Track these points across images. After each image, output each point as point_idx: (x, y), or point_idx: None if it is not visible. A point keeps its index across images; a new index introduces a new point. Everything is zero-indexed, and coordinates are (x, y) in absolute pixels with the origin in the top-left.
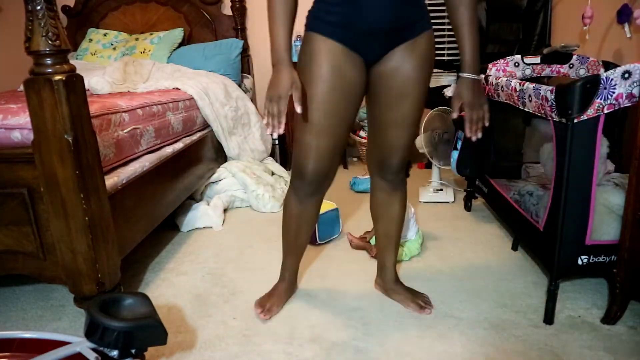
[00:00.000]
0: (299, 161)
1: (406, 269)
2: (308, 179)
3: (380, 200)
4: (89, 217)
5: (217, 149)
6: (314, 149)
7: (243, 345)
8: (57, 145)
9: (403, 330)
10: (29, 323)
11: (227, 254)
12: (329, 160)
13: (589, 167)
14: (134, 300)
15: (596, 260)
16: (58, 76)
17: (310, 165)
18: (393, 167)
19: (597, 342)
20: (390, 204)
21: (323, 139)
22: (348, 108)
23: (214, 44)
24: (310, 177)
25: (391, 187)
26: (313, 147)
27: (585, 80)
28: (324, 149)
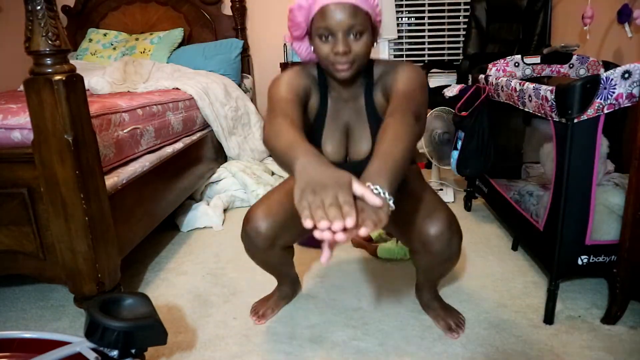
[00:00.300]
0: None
1: (406, 269)
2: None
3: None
4: (89, 217)
5: (217, 149)
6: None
7: (243, 345)
8: (57, 145)
9: (403, 330)
10: (29, 323)
11: (227, 254)
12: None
13: (589, 167)
14: (134, 300)
15: (596, 260)
16: (58, 76)
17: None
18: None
19: (597, 342)
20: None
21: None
22: None
23: (214, 44)
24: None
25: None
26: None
27: (586, 80)
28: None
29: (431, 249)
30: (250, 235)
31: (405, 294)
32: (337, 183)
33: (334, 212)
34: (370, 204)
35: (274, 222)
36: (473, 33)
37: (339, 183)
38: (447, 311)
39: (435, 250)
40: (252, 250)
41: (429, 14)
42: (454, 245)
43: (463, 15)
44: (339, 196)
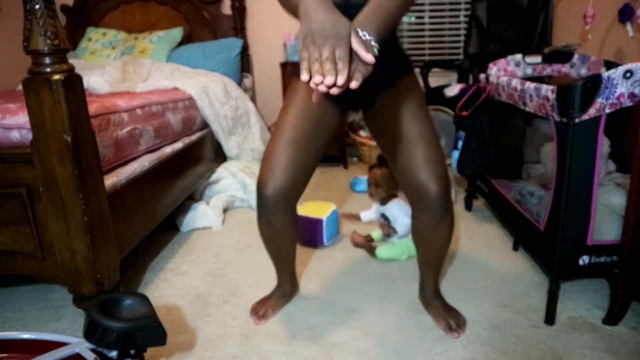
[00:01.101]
0: (260, 174)
1: (406, 268)
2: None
3: (422, 235)
4: (88, 217)
5: (216, 149)
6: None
7: (243, 345)
8: (56, 145)
9: (403, 330)
10: (28, 323)
11: (227, 254)
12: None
13: (590, 167)
14: (133, 301)
15: (597, 260)
16: (57, 76)
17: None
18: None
19: (598, 343)
20: (434, 238)
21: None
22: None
23: (214, 44)
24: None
25: (434, 221)
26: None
27: (587, 79)
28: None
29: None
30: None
31: (405, 294)
32: (337, 34)
33: (328, 67)
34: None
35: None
36: (474, 32)
37: (338, 34)
38: (448, 311)
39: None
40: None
41: (429, 13)
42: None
43: (464, 14)
44: (337, 50)
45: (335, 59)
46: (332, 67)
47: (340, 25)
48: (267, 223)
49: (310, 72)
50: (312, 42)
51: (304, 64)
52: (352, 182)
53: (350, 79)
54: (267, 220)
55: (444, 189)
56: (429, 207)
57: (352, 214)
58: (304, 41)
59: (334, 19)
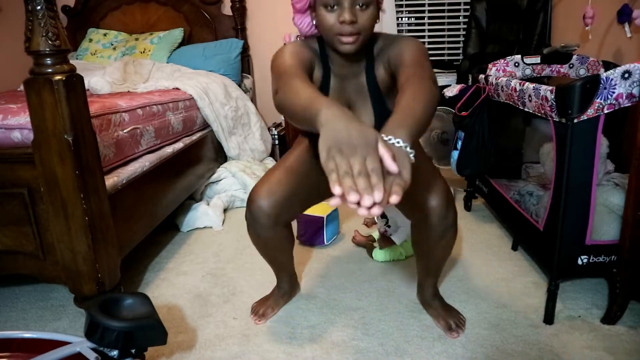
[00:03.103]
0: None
1: (405, 268)
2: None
3: (421, 245)
4: (88, 217)
5: (217, 149)
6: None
7: (243, 345)
8: (57, 145)
9: (403, 330)
10: (29, 323)
11: (227, 254)
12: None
13: (589, 167)
14: (134, 300)
15: (596, 260)
16: (58, 76)
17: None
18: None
19: (597, 342)
20: (435, 250)
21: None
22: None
23: (214, 44)
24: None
25: (436, 235)
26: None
27: (586, 80)
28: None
29: (430, 220)
30: (254, 213)
31: (405, 294)
32: (365, 143)
33: (362, 184)
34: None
35: (275, 200)
36: (473, 33)
37: (366, 143)
38: (448, 311)
39: (433, 222)
40: (257, 230)
41: (429, 14)
42: (450, 217)
43: (463, 15)
44: (367, 161)
45: (368, 171)
46: (366, 184)
47: (368, 133)
48: (256, 235)
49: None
50: (339, 152)
51: (332, 176)
52: None
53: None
54: (256, 232)
55: (445, 201)
56: (431, 221)
57: (362, 240)
58: (329, 152)
59: (359, 125)
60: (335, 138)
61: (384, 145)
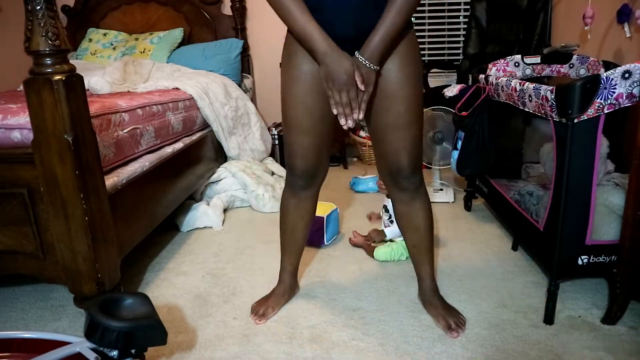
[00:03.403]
0: (288, 159)
1: (405, 268)
2: (297, 174)
3: (401, 213)
4: (88, 217)
5: (217, 149)
6: (298, 147)
7: (243, 345)
8: (57, 145)
9: (403, 330)
10: (29, 323)
11: (227, 254)
12: (315, 157)
13: (589, 167)
14: (133, 300)
15: (596, 260)
16: (58, 76)
17: (298, 162)
18: (403, 172)
19: (597, 342)
20: (412, 214)
21: (305, 137)
22: (328, 108)
23: (214, 44)
24: (299, 173)
25: (408, 196)
26: (297, 146)
27: (586, 80)
28: (308, 147)
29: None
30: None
31: (405, 294)
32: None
33: (347, 111)
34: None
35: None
36: (473, 33)
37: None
38: (448, 310)
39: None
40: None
41: (429, 13)
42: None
43: (463, 15)
44: (350, 92)
45: (350, 100)
46: (349, 111)
47: (348, 68)
48: (293, 195)
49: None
50: (333, 85)
51: (331, 101)
52: (352, 182)
53: None
54: (293, 192)
55: (413, 166)
56: (401, 184)
57: (360, 241)
58: (327, 82)
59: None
60: (330, 76)
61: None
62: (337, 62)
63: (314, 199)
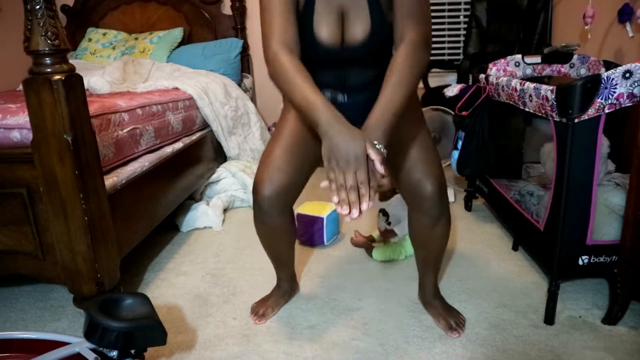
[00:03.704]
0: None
1: (405, 268)
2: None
3: (419, 236)
4: (88, 217)
5: (216, 149)
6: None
7: (243, 345)
8: (56, 145)
9: (403, 330)
10: (29, 323)
11: (227, 254)
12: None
13: (590, 167)
14: (133, 301)
15: (597, 260)
16: (57, 76)
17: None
18: (428, 196)
19: (597, 343)
20: (431, 238)
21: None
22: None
23: (214, 44)
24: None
25: (431, 222)
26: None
27: (586, 79)
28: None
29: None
30: (260, 203)
31: (405, 294)
32: (356, 157)
33: (353, 197)
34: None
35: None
36: (473, 32)
37: (357, 156)
38: (448, 310)
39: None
40: (264, 218)
41: None
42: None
43: (463, 14)
44: (358, 173)
45: (358, 183)
46: (356, 199)
47: (358, 145)
48: (262, 223)
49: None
50: (336, 164)
51: (332, 186)
52: None
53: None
54: (262, 220)
55: (439, 188)
56: (424, 207)
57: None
58: (329, 161)
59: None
60: (333, 150)
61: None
62: (344, 134)
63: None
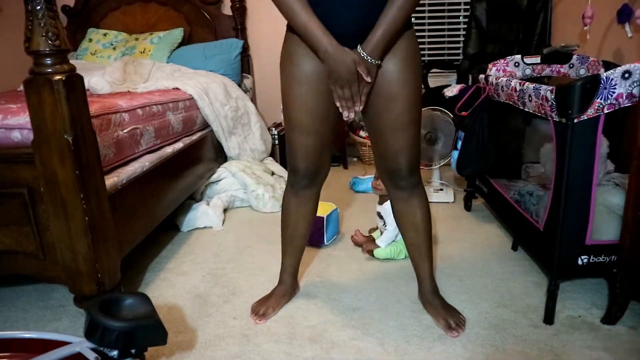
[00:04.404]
0: (290, 159)
1: (405, 268)
2: (300, 174)
3: (399, 211)
4: (88, 217)
5: (217, 149)
6: (300, 147)
7: (243, 345)
8: (57, 145)
9: (403, 330)
10: (29, 323)
11: (227, 254)
12: (317, 157)
13: (589, 167)
14: (134, 300)
15: (596, 260)
16: (58, 76)
17: (300, 162)
18: (402, 172)
19: (597, 342)
20: (410, 213)
21: (307, 137)
22: (329, 108)
23: (214, 44)
24: (301, 173)
25: (406, 195)
26: (299, 146)
27: (586, 80)
28: (310, 147)
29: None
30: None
31: (405, 294)
32: (349, 75)
33: (350, 104)
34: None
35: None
36: (473, 33)
37: (350, 74)
38: (448, 310)
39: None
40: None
41: (429, 13)
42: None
43: (463, 15)
44: (352, 88)
45: (352, 94)
46: (351, 104)
47: (350, 64)
48: (295, 195)
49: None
50: (336, 82)
51: (334, 95)
52: (352, 182)
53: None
54: (295, 192)
55: (411, 166)
56: (399, 184)
57: (360, 240)
58: (330, 78)
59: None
60: (333, 71)
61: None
62: (339, 59)
63: (316, 199)
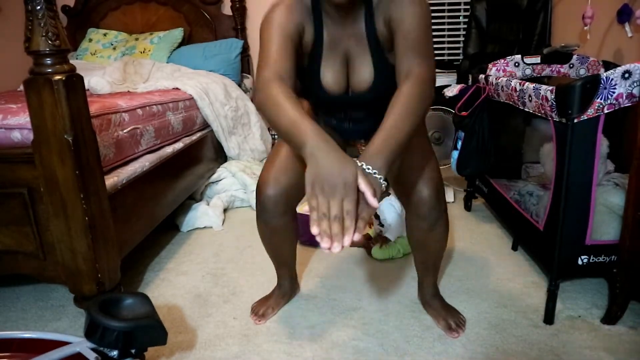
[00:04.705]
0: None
1: (405, 268)
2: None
3: (416, 237)
4: (88, 217)
5: (217, 149)
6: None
7: (243, 345)
8: (57, 145)
9: (403, 330)
10: (29, 323)
11: (227, 254)
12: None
13: (589, 167)
14: (134, 300)
15: (596, 260)
16: (58, 76)
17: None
18: (425, 200)
19: (597, 342)
20: (429, 241)
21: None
22: None
23: (214, 44)
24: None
25: (427, 225)
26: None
27: (586, 80)
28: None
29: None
30: (264, 203)
31: (405, 294)
32: (344, 183)
33: (336, 229)
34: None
35: (283, 187)
36: (473, 33)
37: (346, 183)
38: (448, 310)
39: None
40: (266, 219)
41: None
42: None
43: (463, 15)
44: (345, 202)
45: (344, 213)
46: (339, 231)
47: (348, 171)
48: (265, 223)
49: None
50: (321, 190)
51: (313, 214)
52: None
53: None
54: (265, 220)
55: (436, 192)
56: (421, 211)
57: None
58: (313, 187)
59: (341, 164)
60: (319, 175)
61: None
62: (333, 158)
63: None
